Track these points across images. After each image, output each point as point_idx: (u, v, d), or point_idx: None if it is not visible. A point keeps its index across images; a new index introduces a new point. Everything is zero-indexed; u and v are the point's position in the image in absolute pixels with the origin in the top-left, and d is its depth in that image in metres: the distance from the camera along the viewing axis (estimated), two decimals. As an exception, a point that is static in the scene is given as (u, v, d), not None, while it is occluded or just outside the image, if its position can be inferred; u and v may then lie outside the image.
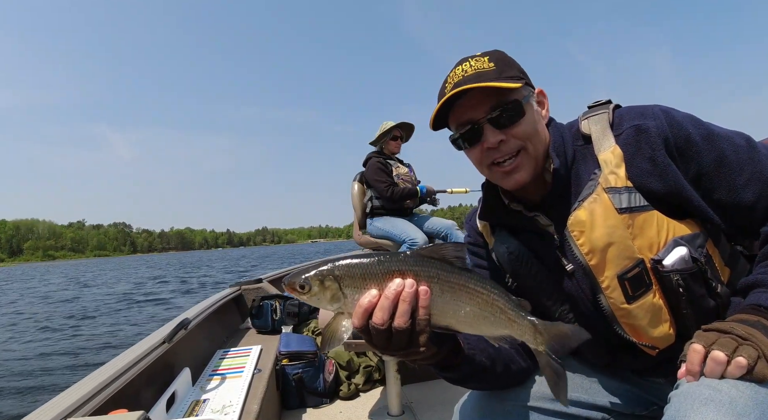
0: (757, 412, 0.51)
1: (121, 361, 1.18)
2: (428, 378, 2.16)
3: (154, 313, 9.26)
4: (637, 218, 0.70)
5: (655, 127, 0.70)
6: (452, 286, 0.55)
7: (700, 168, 0.70)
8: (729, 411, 0.50)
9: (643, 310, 0.72)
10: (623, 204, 0.70)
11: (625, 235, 0.70)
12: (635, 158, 0.71)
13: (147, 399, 1.24)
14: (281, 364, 1.90)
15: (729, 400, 0.51)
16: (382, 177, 2.82)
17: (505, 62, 0.76)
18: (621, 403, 0.83)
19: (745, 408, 0.50)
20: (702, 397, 0.52)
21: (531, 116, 0.74)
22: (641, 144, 0.70)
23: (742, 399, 0.51)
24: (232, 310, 2.53)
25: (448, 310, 0.55)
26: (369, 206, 2.97)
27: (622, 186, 0.70)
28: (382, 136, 2.96)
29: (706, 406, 0.51)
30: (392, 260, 0.54)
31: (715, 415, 0.50)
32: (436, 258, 0.56)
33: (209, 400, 1.38)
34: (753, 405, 0.51)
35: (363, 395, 2.01)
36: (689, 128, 0.70)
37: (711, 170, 0.70)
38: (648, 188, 0.70)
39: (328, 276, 0.53)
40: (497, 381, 0.79)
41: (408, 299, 0.53)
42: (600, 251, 0.71)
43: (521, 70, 0.77)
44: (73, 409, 0.91)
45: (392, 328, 0.53)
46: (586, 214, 0.71)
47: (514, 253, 0.81)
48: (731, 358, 0.53)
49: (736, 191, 0.69)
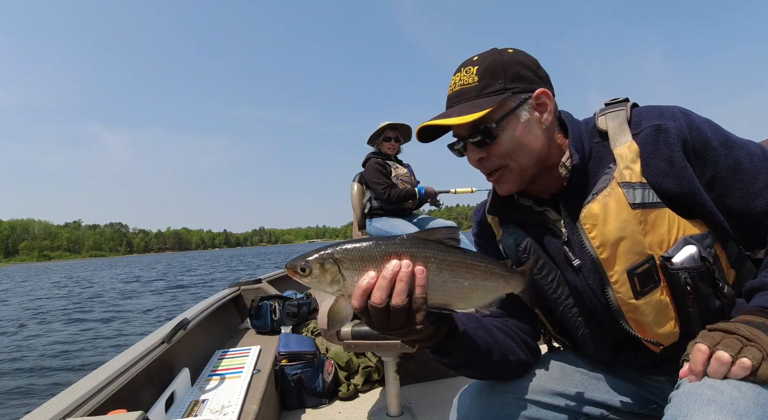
0: (759, 413, 0.50)
1: (120, 361, 1.18)
2: (427, 379, 2.16)
3: (154, 313, 9.23)
4: (649, 215, 0.70)
5: (674, 128, 0.70)
6: (449, 264, 0.58)
7: (715, 172, 0.70)
8: (730, 412, 0.50)
9: (650, 307, 0.72)
10: (637, 199, 0.70)
11: (637, 231, 0.70)
12: (652, 157, 0.71)
13: (146, 399, 1.24)
14: (280, 365, 1.90)
15: (731, 401, 0.51)
16: (380, 178, 2.81)
17: (492, 73, 0.74)
18: (620, 400, 0.83)
19: (746, 409, 0.50)
20: (704, 397, 0.52)
21: (512, 132, 0.74)
22: (659, 144, 0.71)
23: (743, 400, 0.51)
24: (231, 310, 2.52)
25: (445, 288, 0.59)
26: (368, 207, 2.96)
27: (637, 181, 0.70)
28: (375, 136, 2.95)
29: (707, 406, 0.51)
30: (389, 243, 0.57)
31: (717, 416, 0.50)
32: (432, 240, 0.59)
33: (208, 400, 1.38)
34: (755, 406, 0.51)
35: (362, 396, 2.01)
36: (708, 132, 0.71)
37: (726, 176, 0.70)
38: (662, 188, 0.70)
39: (327, 259, 0.56)
40: (494, 369, 0.79)
41: (405, 279, 0.54)
42: (611, 245, 0.71)
43: (513, 76, 0.75)
44: (72, 409, 0.91)
45: (390, 307, 0.54)
46: (600, 207, 0.72)
47: (521, 245, 0.81)
48: (735, 359, 0.53)
49: (749, 198, 0.70)
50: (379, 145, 2.95)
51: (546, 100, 0.76)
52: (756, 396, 0.52)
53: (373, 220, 2.93)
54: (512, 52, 0.78)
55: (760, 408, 0.51)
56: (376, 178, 2.79)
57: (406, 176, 2.94)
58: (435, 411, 1.80)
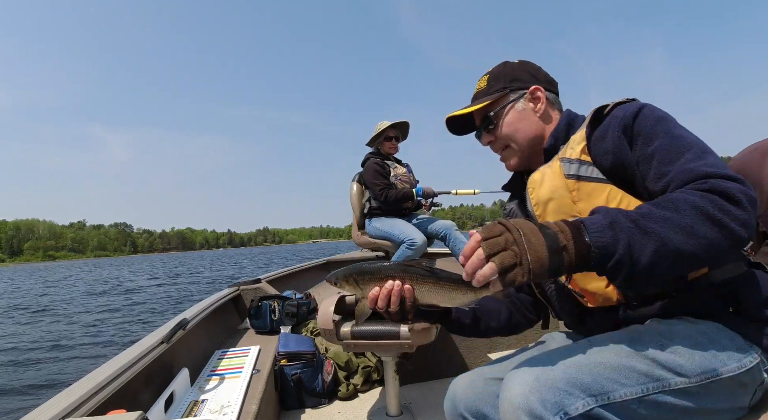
0: (564, 381, 0.66)
1: (119, 361, 1.19)
2: (427, 378, 2.16)
3: (152, 313, 9.27)
4: (585, 186, 0.79)
5: (621, 116, 0.78)
6: (426, 282, 0.80)
7: (641, 154, 0.76)
8: (536, 380, 0.66)
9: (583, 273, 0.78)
10: (572, 172, 0.81)
11: (566, 195, 0.81)
12: (598, 140, 0.80)
13: (145, 399, 1.25)
14: (280, 365, 1.90)
15: (541, 372, 0.67)
16: (378, 179, 2.81)
17: (497, 77, 0.97)
18: None
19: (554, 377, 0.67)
20: (518, 370, 0.70)
21: (510, 119, 0.94)
22: (607, 129, 0.80)
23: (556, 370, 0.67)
24: (230, 310, 2.53)
25: (426, 296, 0.81)
26: (367, 207, 2.96)
27: (576, 158, 0.81)
28: (377, 137, 2.95)
29: (520, 373, 0.69)
30: (388, 268, 0.82)
31: (522, 387, 0.66)
32: (415, 265, 0.82)
33: (208, 400, 1.39)
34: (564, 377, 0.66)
35: (361, 396, 2.01)
36: (647, 121, 0.76)
37: (647, 159, 0.74)
38: (604, 166, 0.79)
39: (350, 277, 0.85)
40: (486, 329, 0.99)
41: (397, 294, 0.80)
42: (543, 204, 0.85)
43: (513, 78, 0.96)
44: (71, 409, 0.91)
45: (389, 310, 0.81)
46: (539, 175, 0.86)
47: (508, 213, 1.01)
48: (487, 260, 0.61)
49: (655, 181, 0.73)
50: (380, 145, 2.95)
51: (539, 94, 0.94)
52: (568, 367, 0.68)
53: (372, 220, 2.94)
54: (518, 62, 0.99)
55: (567, 374, 0.67)
56: (374, 179, 2.80)
57: (405, 176, 2.94)
58: (434, 411, 1.80)
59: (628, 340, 0.71)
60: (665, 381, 0.67)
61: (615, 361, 0.68)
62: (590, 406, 0.64)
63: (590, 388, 0.65)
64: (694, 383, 0.67)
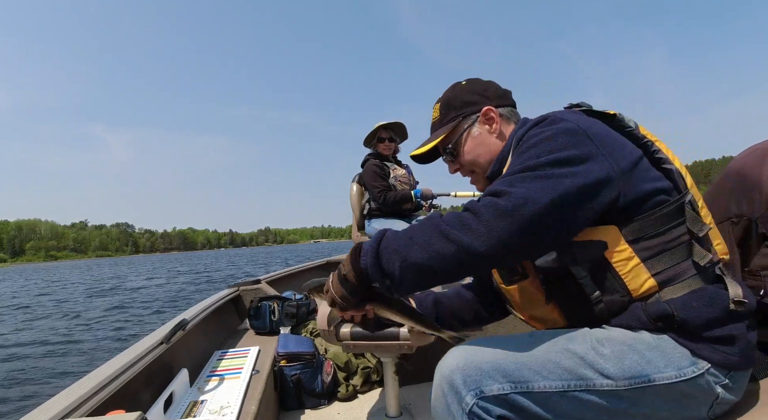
0: (490, 353, 0.74)
1: (118, 361, 1.19)
2: (426, 379, 2.16)
3: (152, 313, 9.28)
4: None
5: (523, 130, 0.84)
6: (386, 308, 0.95)
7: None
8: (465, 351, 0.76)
9: (518, 292, 0.89)
10: None
11: None
12: (512, 153, 0.87)
13: (145, 400, 1.25)
14: (279, 365, 1.91)
15: (474, 352, 0.76)
16: (377, 181, 2.80)
17: (448, 105, 1.01)
18: None
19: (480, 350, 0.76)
20: (459, 348, 0.79)
21: (470, 146, 0.98)
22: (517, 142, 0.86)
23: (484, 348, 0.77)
24: (230, 310, 2.53)
25: (388, 317, 0.97)
26: (367, 208, 2.96)
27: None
28: (370, 137, 2.94)
29: (459, 350, 0.78)
30: None
31: (453, 361, 0.75)
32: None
33: (207, 401, 1.39)
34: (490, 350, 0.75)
35: (361, 396, 2.02)
36: (532, 139, 0.78)
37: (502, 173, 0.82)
38: None
39: (313, 291, 1.00)
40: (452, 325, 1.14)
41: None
42: None
43: (463, 103, 0.99)
44: (70, 409, 0.91)
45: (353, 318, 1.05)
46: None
47: None
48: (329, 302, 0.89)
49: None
50: (375, 147, 2.95)
51: (492, 115, 0.97)
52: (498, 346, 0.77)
53: (372, 221, 2.94)
54: (466, 83, 1.02)
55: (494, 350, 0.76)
56: (373, 181, 2.79)
57: (404, 177, 2.94)
58: (433, 412, 1.80)
59: (565, 338, 0.76)
60: (589, 381, 0.70)
61: (543, 356, 0.73)
62: (506, 391, 0.71)
63: (511, 375, 0.72)
64: (622, 387, 0.69)
